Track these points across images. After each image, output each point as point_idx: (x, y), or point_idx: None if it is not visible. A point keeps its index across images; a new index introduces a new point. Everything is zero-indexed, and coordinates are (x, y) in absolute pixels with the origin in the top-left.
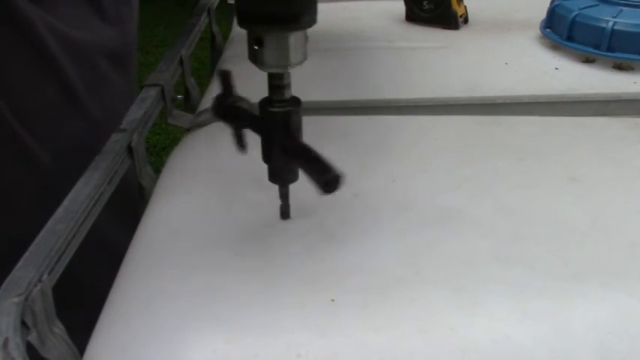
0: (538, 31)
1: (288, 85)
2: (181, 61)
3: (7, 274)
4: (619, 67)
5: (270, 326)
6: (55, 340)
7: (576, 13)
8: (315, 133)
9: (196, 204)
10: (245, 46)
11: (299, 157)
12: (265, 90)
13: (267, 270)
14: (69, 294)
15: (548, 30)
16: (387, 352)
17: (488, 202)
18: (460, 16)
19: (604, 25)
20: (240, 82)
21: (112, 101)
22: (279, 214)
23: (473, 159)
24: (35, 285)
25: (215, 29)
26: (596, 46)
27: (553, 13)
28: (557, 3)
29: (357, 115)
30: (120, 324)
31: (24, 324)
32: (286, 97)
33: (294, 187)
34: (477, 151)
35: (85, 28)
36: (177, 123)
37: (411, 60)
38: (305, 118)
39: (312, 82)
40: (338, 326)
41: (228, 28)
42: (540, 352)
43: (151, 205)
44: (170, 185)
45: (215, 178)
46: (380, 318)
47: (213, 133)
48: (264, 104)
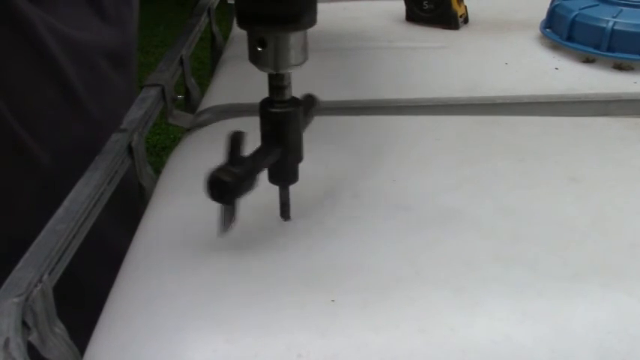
0: (538, 31)
1: (288, 86)
2: (181, 61)
3: (7, 274)
4: (619, 67)
5: (270, 326)
6: (56, 340)
7: (576, 13)
8: (316, 133)
9: (196, 204)
10: (245, 46)
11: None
12: (266, 90)
13: (267, 270)
14: (69, 294)
15: (548, 30)
16: (387, 352)
17: (488, 202)
18: (460, 16)
19: (604, 25)
20: (241, 82)
21: (112, 101)
22: (279, 214)
23: (473, 159)
24: (36, 285)
25: (215, 29)
26: (596, 46)
27: (553, 13)
28: (557, 3)
29: (357, 115)
30: (120, 324)
31: (25, 324)
32: (287, 97)
33: (294, 188)
34: (477, 151)
35: (85, 28)
36: (178, 123)
37: (411, 60)
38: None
39: (312, 82)
40: (338, 326)
41: (228, 28)
42: (540, 353)
43: (151, 205)
44: (170, 185)
45: None
46: (380, 318)
47: (213, 133)
48: (264, 105)
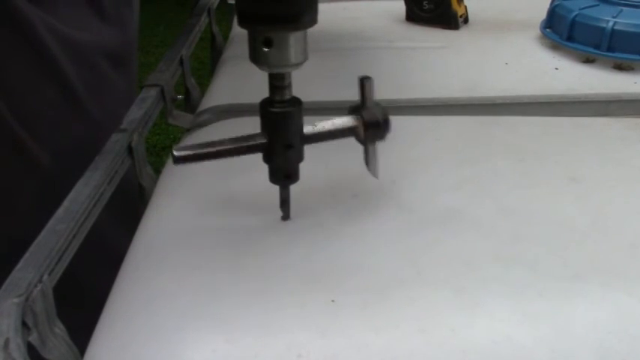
0: (538, 31)
1: (288, 86)
2: (181, 61)
3: (7, 274)
4: (619, 67)
5: (270, 326)
6: (56, 341)
7: (576, 13)
8: None
9: (196, 204)
10: (245, 46)
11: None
12: (266, 90)
13: (267, 270)
14: (69, 294)
15: (548, 30)
16: (388, 353)
17: (488, 203)
18: (460, 16)
19: (604, 25)
20: (241, 82)
21: (112, 101)
22: (279, 214)
23: (473, 159)
24: (35, 285)
25: (215, 29)
26: (597, 46)
27: (553, 13)
28: (557, 3)
29: None
30: (120, 324)
31: (25, 324)
32: (287, 97)
33: (294, 188)
34: (477, 151)
35: (85, 28)
36: (178, 123)
37: (411, 60)
38: (305, 118)
39: (312, 82)
40: (338, 326)
41: (228, 28)
42: (540, 353)
43: (151, 206)
44: (170, 185)
45: (215, 178)
46: (380, 318)
47: (213, 133)
48: (264, 105)
